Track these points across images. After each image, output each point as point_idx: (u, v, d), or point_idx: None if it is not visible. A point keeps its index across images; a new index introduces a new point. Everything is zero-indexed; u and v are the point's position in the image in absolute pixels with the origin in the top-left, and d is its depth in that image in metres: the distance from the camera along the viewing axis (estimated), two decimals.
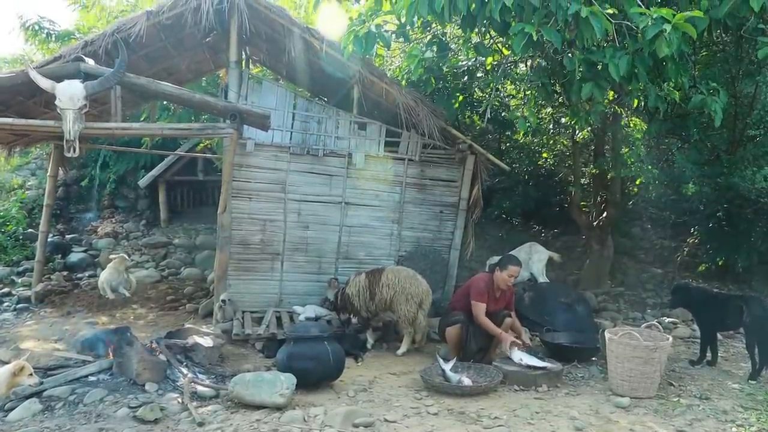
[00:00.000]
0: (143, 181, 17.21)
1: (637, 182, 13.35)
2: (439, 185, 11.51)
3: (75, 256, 15.18)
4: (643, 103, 9.74)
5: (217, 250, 10.40)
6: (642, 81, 7.57)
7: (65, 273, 14.28)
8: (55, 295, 12.51)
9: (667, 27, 6.37)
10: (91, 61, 8.90)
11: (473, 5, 7.09)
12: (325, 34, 10.19)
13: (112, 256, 12.67)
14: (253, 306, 10.76)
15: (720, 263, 13.73)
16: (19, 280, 13.60)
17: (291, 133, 10.73)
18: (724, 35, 10.88)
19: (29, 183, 18.59)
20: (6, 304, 12.10)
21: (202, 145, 16.53)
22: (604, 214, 13.54)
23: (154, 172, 17.26)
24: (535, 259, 11.85)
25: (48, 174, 12.95)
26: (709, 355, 8.87)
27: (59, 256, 15.06)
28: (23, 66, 10.44)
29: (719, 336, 9.32)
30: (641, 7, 6.87)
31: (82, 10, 17.99)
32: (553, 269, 13.17)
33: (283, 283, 11.00)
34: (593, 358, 8.90)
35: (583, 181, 14.79)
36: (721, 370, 8.69)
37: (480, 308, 8.16)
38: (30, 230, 15.76)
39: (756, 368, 8.14)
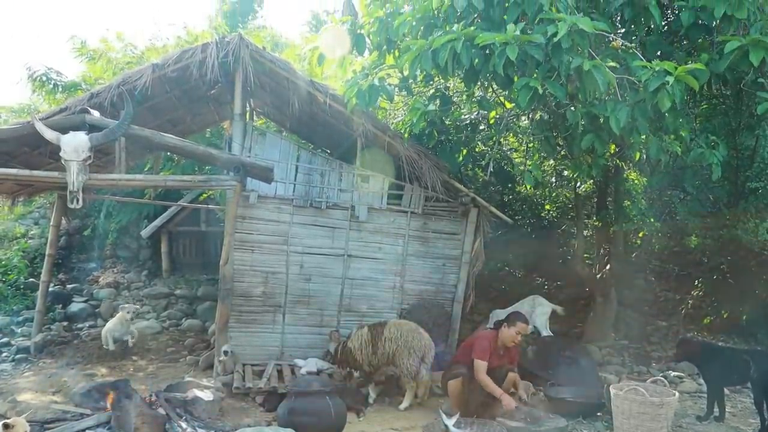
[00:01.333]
0: (146, 232, 17.18)
1: (640, 234, 13.34)
2: (442, 238, 11.50)
3: (75, 306, 15.09)
4: (644, 156, 9.76)
5: (219, 302, 10.34)
6: (643, 133, 7.61)
7: (65, 323, 14.18)
8: (54, 346, 12.40)
9: (670, 79, 6.44)
10: (96, 113, 8.97)
11: (476, 60, 7.16)
12: (329, 87, 10.29)
13: (124, 306, 12.50)
14: (255, 358, 10.67)
15: (725, 316, 13.64)
16: (19, 330, 13.50)
17: (294, 185, 10.77)
18: (723, 88, 10.98)
19: (32, 232, 18.58)
20: (4, 354, 11.99)
21: (205, 195, 16.57)
22: (608, 267, 13.49)
23: (157, 222, 17.24)
24: (538, 312, 11.77)
25: (51, 224, 12.94)
26: (716, 410, 8.74)
27: (60, 306, 14.97)
28: (29, 116, 10.51)
29: (726, 391, 9.19)
30: (642, 60, 6.95)
31: (89, 62, 18.20)
32: (557, 322, 13.06)
33: (285, 336, 10.92)
34: (598, 414, 8.78)
35: (585, 233, 14.77)
36: (729, 426, 8.56)
37: (481, 366, 8.02)
38: (31, 279, 15.70)
39: (765, 425, 8.01)
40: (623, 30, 8.49)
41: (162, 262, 17.77)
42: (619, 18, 8.20)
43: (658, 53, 8.37)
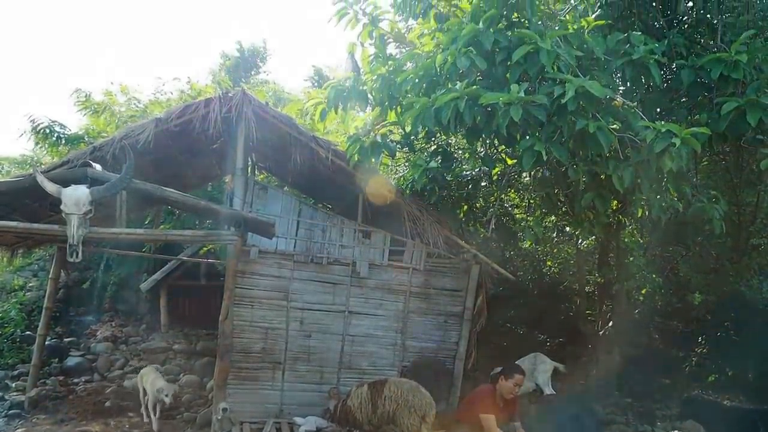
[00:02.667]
0: (145, 285, 17.08)
1: (643, 291, 13.25)
2: (444, 294, 11.42)
3: (72, 360, 14.91)
4: (646, 212, 9.75)
5: (218, 358, 10.18)
6: (645, 191, 7.61)
7: (61, 377, 13.99)
8: (49, 401, 12.22)
9: (676, 141, 6.44)
10: (98, 167, 8.98)
11: (479, 117, 7.18)
12: (331, 142, 10.33)
13: (149, 371, 12.01)
14: (253, 416, 10.51)
15: (729, 374, 13.48)
16: (14, 384, 13.32)
17: (295, 240, 10.74)
18: (723, 145, 11.02)
19: (30, 284, 18.48)
20: None
21: (205, 249, 16.51)
22: (610, 323, 13.38)
23: (157, 276, 17.14)
24: (540, 369, 11.61)
25: (50, 276, 12.88)
26: None
27: (56, 360, 14.80)
28: (32, 168, 10.55)
29: None
30: (644, 119, 6.97)
31: (92, 115, 18.31)
32: (559, 380, 12.89)
33: (284, 393, 10.78)
34: None
35: (587, 289, 14.68)
36: None
37: (490, 421, 7.85)
38: (28, 332, 15.55)
39: None
40: (623, 88, 8.54)
41: (161, 316, 17.63)
42: (619, 76, 8.24)
43: (658, 110, 8.41)
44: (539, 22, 7.94)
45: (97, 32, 66.98)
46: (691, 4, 9.18)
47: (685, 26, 9.21)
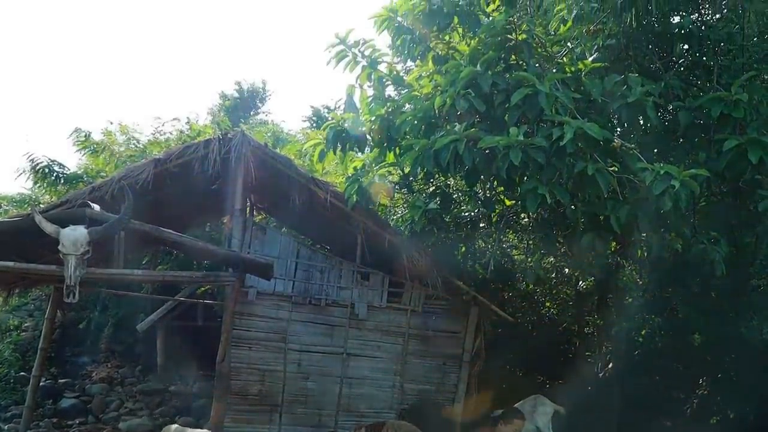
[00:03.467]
0: (142, 326, 16.92)
1: (642, 332, 13.18)
2: (443, 336, 11.37)
3: (66, 402, 14.74)
4: (645, 253, 9.73)
5: (215, 400, 10.08)
6: (644, 231, 7.62)
7: (55, 419, 13.82)
8: None
9: (676, 183, 6.46)
10: (96, 207, 8.99)
11: (478, 160, 7.20)
12: (330, 183, 10.35)
13: None
14: None
15: (731, 416, 13.33)
16: (6, 427, 13.14)
17: (293, 281, 10.71)
18: (722, 186, 11.03)
19: (26, 324, 18.33)
20: None
21: (203, 289, 16.43)
22: (610, 365, 13.29)
23: (153, 316, 17.01)
24: (540, 412, 11.48)
25: (46, 316, 12.79)
26: None
27: (50, 401, 14.64)
28: (30, 208, 10.54)
29: None
30: (642, 160, 6.99)
31: (91, 154, 18.33)
32: (559, 422, 12.75)
33: None
34: None
35: (587, 330, 14.61)
36: None
37: None
38: (22, 373, 15.39)
39: None
40: (620, 130, 8.58)
41: (157, 357, 17.49)
42: (617, 118, 8.29)
43: (656, 151, 8.45)
44: (537, 65, 8.01)
45: (96, 70, 67.61)
46: (686, 46, 9.27)
47: (681, 68, 9.29)
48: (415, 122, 8.17)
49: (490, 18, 8.55)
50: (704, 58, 9.06)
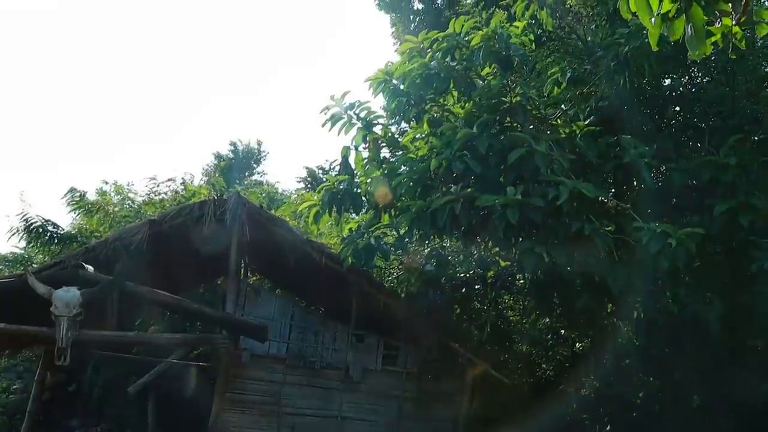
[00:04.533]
0: (133, 388, 16.67)
1: (639, 394, 13.02)
2: (438, 399, 11.23)
3: None
4: (641, 314, 9.69)
5: None
6: (639, 293, 7.61)
7: None
8: None
9: (672, 242, 6.46)
10: (90, 268, 8.96)
11: (474, 220, 7.21)
12: (325, 245, 10.34)
13: None
14: None
15: None
16: None
17: (288, 344, 10.62)
18: (715, 246, 11.05)
19: (14, 386, 18.04)
20: None
21: (196, 351, 16.24)
22: (608, 428, 13.10)
23: (146, 378, 16.76)
24: None
25: (35, 379, 12.61)
26: None
27: None
28: (23, 268, 10.49)
29: None
30: (638, 221, 7.00)
31: (86, 214, 18.31)
32: None
33: None
34: None
35: (584, 392, 14.43)
36: None
37: None
38: None
39: None
40: (614, 190, 8.63)
41: (149, 420, 17.19)
42: (611, 179, 8.34)
43: (650, 211, 8.48)
44: (531, 127, 8.09)
45: (93, 130, 68.19)
46: (678, 108, 9.38)
47: (673, 130, 9.38)
48: (411, 184, 8.19)
49: (485, 81, 8.65)
50: (695, 120, 9.16)
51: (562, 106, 9.15)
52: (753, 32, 7.14)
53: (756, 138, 9.13)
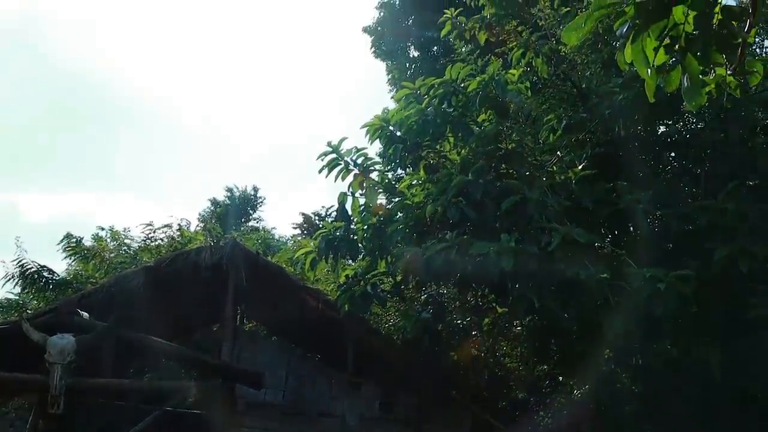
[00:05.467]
0: None
1: None
2: None
3: None
4: (639, 361, 9.64)
5: None
6: (637, 338, 7.58)
7: None
8: None
9: (661, 285, 6.47)
10: (86, 315, 8.92)
11: (470, 268, 7.20)
12: (321, 292, 10.31)
13: None
14: None
15: None
16: None
17: (284, 391, 10.55)
18: (714, 292, 11.02)
19: None
20: None
21: (191, 399, 16.08)
22: None
23: (140, 427, 16.57)
24: None
25: (27, 427, 12.42)
26: None
27: None
28: (18, 314, 10.43)
29: None
30: (633, 266, 7.00)
31: (82, 260, 18.26)
32: None
33: None
34: None
35: None
36: None
37: None
38: None
39: None
40: (611, 236, 8.64)
41: None
42: (607, 225, 8.36)
43: (647, 257, 8.48)
44: (527, 173, 8.12)
45: (88, 175, 68.54)
46: (673, 154, 9.44)
47: (669, 175, 9.42)
48: (407, 230, 8.20)
49: (481, 128, 8.72)
50: (690, 165, 9.21)
51: (558, 152, 9.20)
52: (746, 80, 7.24)
53: (751, 184, 9.18)
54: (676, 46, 3.14)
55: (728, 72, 3.39)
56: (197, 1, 71.16)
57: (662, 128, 9.60)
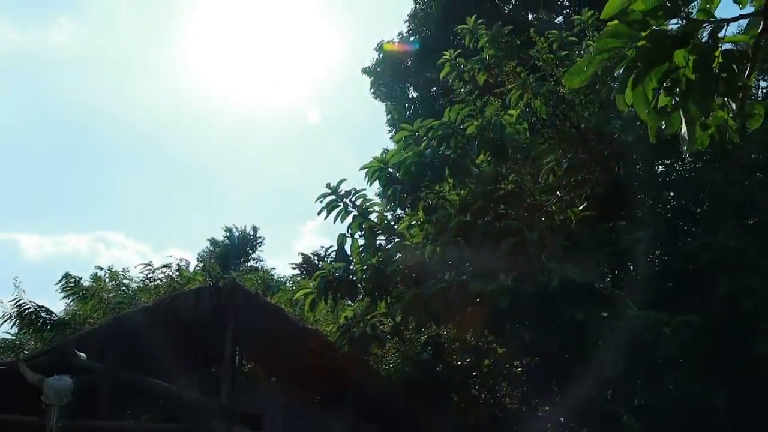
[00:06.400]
0: None
1: None
2: None
3: None
4: (642, 402, 9.57)
5: None
6: (639, 379, 7.54)
7: None
8: None
9: (667, 330, 6.45)
10: (83, 356, 8.87)
11: (469, 308, 7.19)
12: (320, 332, 10.26)
13: None
14: None
15: None
16: None
17: None
18: (716, 330, 10.97)
19: None
20: None
21: None
22: None
23: None
24: None
25: None
26: None
27: None
28: (15, 354, 10.37)
29: None
30: (633, 308, 6.99)
31: (80, 300, 18.18)
32: None
33: None
34: None
35: None
36: None
37: None
38: None
39: None
40: (610, 276, 8.64)
41: None
42: (607, 264, 8.37)
43: (648, 296, 8.47)
44: (525, 214, 8.15)
45: (84, 213, 68.68)
46: (671, 193, 9.47)
47: (668, 215, 9.44)
48: (406, 271, 8.20)
49: (480, 169, 8.76)
50: (689, 205, 9.25)
51: (558, 192, 9.23)
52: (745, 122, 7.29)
53: (750, 222, 9.19)
54: (677, 89, 3.16)
55: (729, 115, 3.42)
56: (196, 42, 71.59)
57: (661, 168, 9.66)
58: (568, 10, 24.15)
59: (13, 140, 62.03)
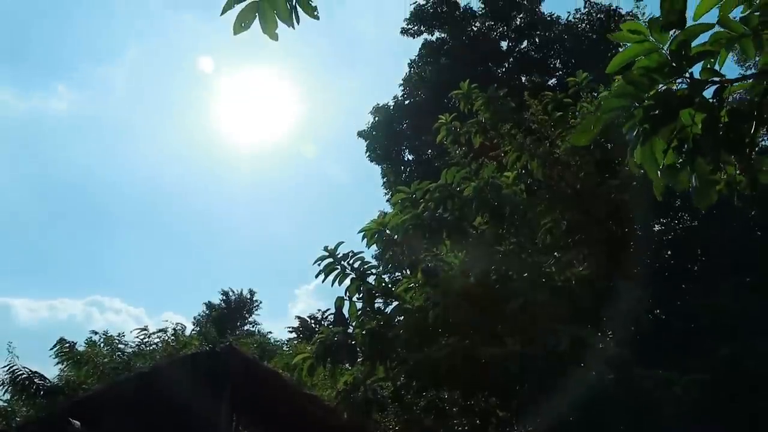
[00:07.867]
0: None
1: None
2: None
3: None
4: None
5: None
6: None
7: None
8: None
9: (677, 389, 6.41)
10: (77, 423, 8.73)
11: (475, 373, 7.12)
12: (320, 398, 10.12)
13: None
14: None
15: None
16: None
17: None
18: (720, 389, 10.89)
19: None
20: None
21: None
22: None
23: None
24: None
25: None
26: None
27: None
28: (6, 422, 10.19)
29: None
30: (638, 367, 6.94)
31: (74, 366, 17.95)
32: None
33: None
34: None
35: None
36: None
37: None
38: None
39: None
40: (612, 335, 8.58)
41: None
42: (609, 324, 8.33)
43: (651, 355, 8.42)
44: (525, 274, 8.11)
45: (80, 278, 68.49)
46: (669, 252, 9.49)
47: (667, 273, 9.44)
48: (408, 336, 8.12)
49: (478, 231, 8.75)
50: (688, 264, 9.26)
51: (556, 253, 9.21)
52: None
53: (750, 280, 9.19)
54: (685, 147, 3.18)
55: (737, 171, 3.42)
56: (191, 108, 72.44)
57: (657, 226, 9.68)
58: (560, 72, 24.54)
59: (7, 204, 62.14)
